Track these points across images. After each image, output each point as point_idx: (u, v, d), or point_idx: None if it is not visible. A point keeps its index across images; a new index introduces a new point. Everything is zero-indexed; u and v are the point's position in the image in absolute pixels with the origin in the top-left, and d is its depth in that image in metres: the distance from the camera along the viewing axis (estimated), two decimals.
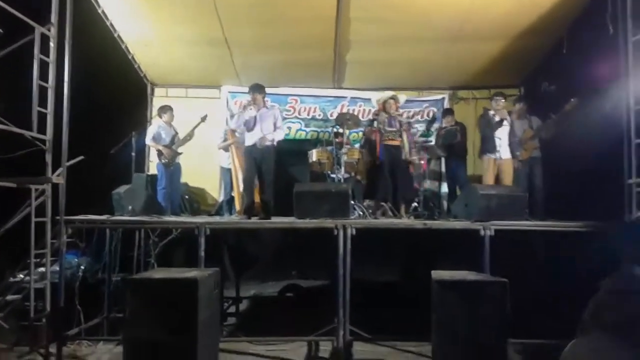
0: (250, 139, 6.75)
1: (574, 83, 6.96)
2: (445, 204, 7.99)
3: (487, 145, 7.19)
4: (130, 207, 6.39)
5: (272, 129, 6.74)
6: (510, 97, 8.33)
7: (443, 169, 7.89)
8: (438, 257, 6.71)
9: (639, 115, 5.22)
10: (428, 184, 8.01)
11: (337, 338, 5.45)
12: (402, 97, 7.45)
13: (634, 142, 5.18)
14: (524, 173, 7.11)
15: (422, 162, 7.72)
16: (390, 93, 7.26)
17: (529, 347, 5.55)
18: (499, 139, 7.06)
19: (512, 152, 7.09)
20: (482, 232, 5.55)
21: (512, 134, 7.10)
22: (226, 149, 7.98)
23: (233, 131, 7.70)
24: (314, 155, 7.91)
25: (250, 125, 6.71)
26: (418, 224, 6.05)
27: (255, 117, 6.70)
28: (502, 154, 7.08)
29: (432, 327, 4.51)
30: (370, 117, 7.98)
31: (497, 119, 7.13)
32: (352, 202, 6.51)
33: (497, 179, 7.14)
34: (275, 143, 6.77)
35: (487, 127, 7.20)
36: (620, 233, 5.31)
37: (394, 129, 7.04)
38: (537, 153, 7.18)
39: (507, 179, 7.10)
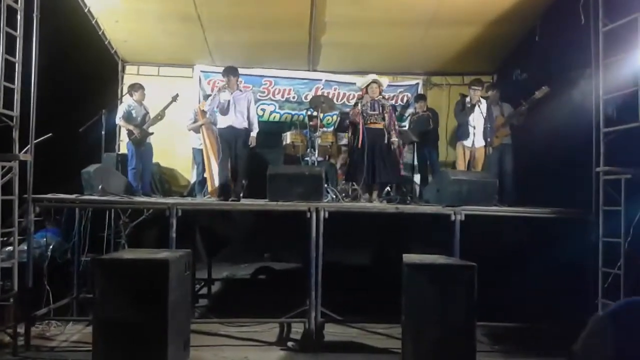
0: (224, 122, 6.80)
1: (546, 71, 7.06)
2: (417, 188, 8.09)
3: (461, 132, 7.27)
4: (100, 187, 6.28)
5: (245, 113, 6.82)
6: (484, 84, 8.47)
7: (416, 154, 7.96)
8: (409, 241, 6.80)
9: (607, 104, 5.32)
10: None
11: (309, 320, 5.50)
12: (385, 80, 7.41)
13: (603, 130, 5.28)
14: (495, 159, 7.22)
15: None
16: (372, 77, 7.18)
17: (496, 330, 5.70)
18: (472, 127, 7.12)
19: (485, 139, 7.16)
20: (452, 217, 5.62)
21: (487, 120, 7.15)
22: (197, 130, 7.89)
23: (203, 112, 7.66)
24: (288, 137, 7.90)
25: (224, 108, 6.74)
26: (390, 208, 6.11)
27: (229, 101, 6.74)
28: (476, 142, 7.14)
29: (402, 309, 4.59)
30: (354, 100, 7.90)
31: (469, 105, 7.18)
32: (326, 185, 6.53)
33: (469, 166, 7.24)
34: (247, 124, 6.84)
35: (461, 113, 7.27)
36: (587, 220, 5.45)
37: (376, 112, 7.00)
38: (508, 140, 7.30)
39: (479, 166, 7.20)
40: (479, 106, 7.06)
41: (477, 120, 7.09)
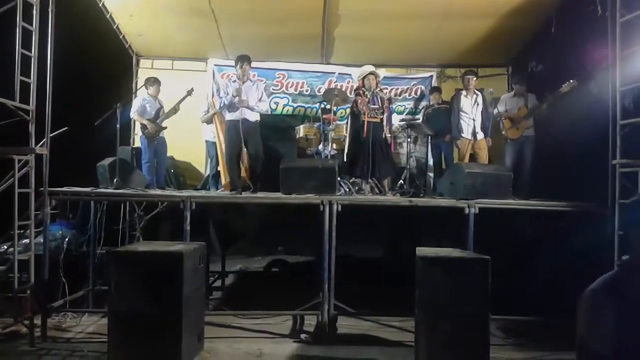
0: (234, 114, 6.70)
1: (562, 63, 6.97)
2: (431, 181, 8.05)
3: (460, 127, 7.25)
4: (115, 180, 6.34)
5: (256, 102, 6.78)
6: (497, 76, 8.42)
7: (429, 147, 7.92)
8: (423, 234, 6.78)
9: (624, 96, 5.25)
10: (414, 162, 8.05)
11: (322, 312, 5.52)
12: (382, 72, 7.34)
13: (619, 123, 5.22)
14: (515, 151, 7.14)
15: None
16: (369, 68, 7.13)
17: (509, 324, 5.67)
18: (472, 119, 7.10)
19: (485, 131, 7.14)
20: (466, 210, 5.61)
21: (485, 112, 7.14)
22: (209, 120, 7.93)
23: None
24: (301, 131, 7.90)
25: (233, 102, 6.65)
26: (404, 201, 6.09)
27: (240, 92, 6.64)
28: (477, 135, 7.13)
29: (415, 302, 4.58)
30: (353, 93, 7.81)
31: (468, 98, 7.16)
32: (339, 178, 6.52)
33: (473, 158, 7.21)
34: (258, 116, 6.82)
35: (455, 109, 7.32)
36: (603, 213, 5.39)
37: (376, 106, 6.96)
38: (531, 132, 7.17)
39: (483, 158, 7.17)
40: (475, 96, 7.08)
41: (476, 113, 7.08)
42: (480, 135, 7.18)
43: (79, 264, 6.50)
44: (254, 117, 6.76)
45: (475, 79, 7.28)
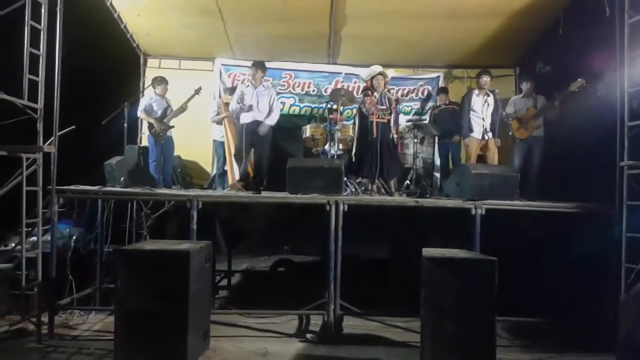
0: (246, 117, 6.93)
1: (570, 64, 6.94)
2: (438, 182, 8.04)
3: (470, 126, 7.23)
4: (122, 179, 6.36)
5: (267, 109, 6.95)
6: (505, 77, 8.37)
7: (437, 147, 7.91)
8: (429, 234, 6.77)
9: (633, 98, 5.23)
10: (421, 162, 8.04)
11: (328, 312, 5.52)
12: (390, 72, 7.34)
13: (627, 124, 5.20)
14: (523, 151, 7.13)
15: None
16: (378, 69, 7.13)
17: (516, 325, 5.65)
18: (482, 119, 7.09)
19: (494, 131, 7.12)
20: (473, 211, 5.59)
21: (495, 113, 7.13)
22: (219, 122, 7.95)
23: (227, 104, 7.70)
24: (307, 131, 7.90)
25: (247, 106, 6.89)
26: (410, 201, 6.08)
27: (252, 97, 6.89)
28: (486, 135, 7.11)
29: (421, 303, 4.57)
30: (361, 93, 7.77)
31: (480, 98, 7.15)
32: (345, 178, 6.52)
33: (482, 159, 7.19)
34: (273, 122, 7.05)
35: (465, 107, 7.29)
36: (611, 215, 5.37)
37: (384, 107, 6.97)
38: (540, 132, 7.15)
39: (492, 158, 7.15)
40: (487, 96, 7.05)
41: (486, 112, 7.06)
42: (489, 136, 7.16)
43: (86, 262, 6.52)
44: (269, 121, 6.99)
45: (489, 79, 7.27)
